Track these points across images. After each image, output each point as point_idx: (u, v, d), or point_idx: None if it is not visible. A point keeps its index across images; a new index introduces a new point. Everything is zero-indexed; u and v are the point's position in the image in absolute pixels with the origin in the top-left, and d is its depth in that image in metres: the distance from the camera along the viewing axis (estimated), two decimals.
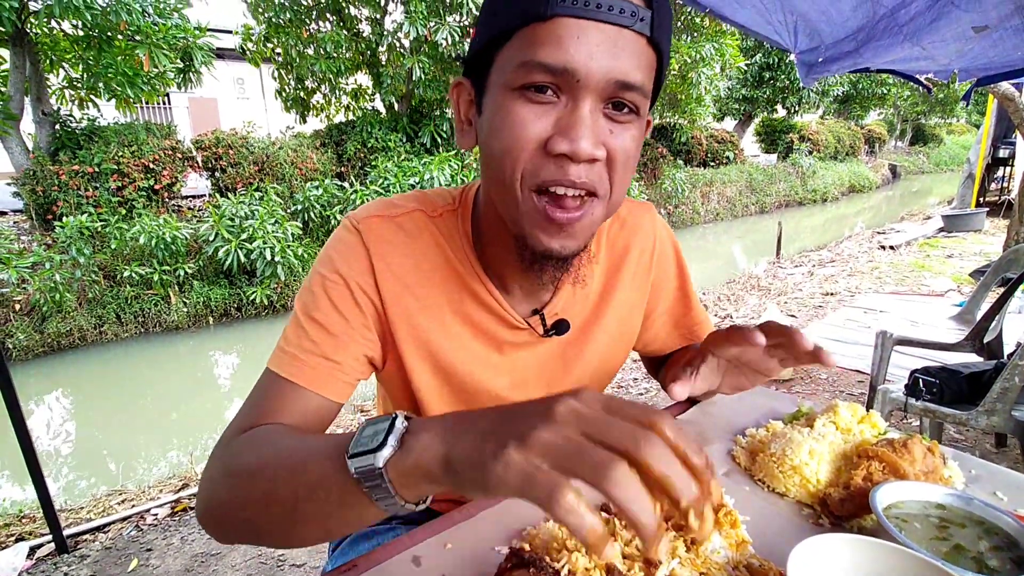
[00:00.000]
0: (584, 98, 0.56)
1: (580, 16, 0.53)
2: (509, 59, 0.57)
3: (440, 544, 0.62)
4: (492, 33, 0.58)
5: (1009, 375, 1.92)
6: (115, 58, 7.18)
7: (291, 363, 0.67)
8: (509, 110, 0.57)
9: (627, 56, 0.55)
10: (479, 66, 0.61)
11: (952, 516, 0.62)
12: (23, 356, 5.98)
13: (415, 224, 0.73)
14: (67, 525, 2.43)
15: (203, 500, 0.59)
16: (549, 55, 0.54)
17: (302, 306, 0.70)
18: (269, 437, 0.60)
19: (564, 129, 0.56)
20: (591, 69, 0.54)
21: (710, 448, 0.83)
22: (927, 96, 20.53)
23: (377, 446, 0.43)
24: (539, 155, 0.58)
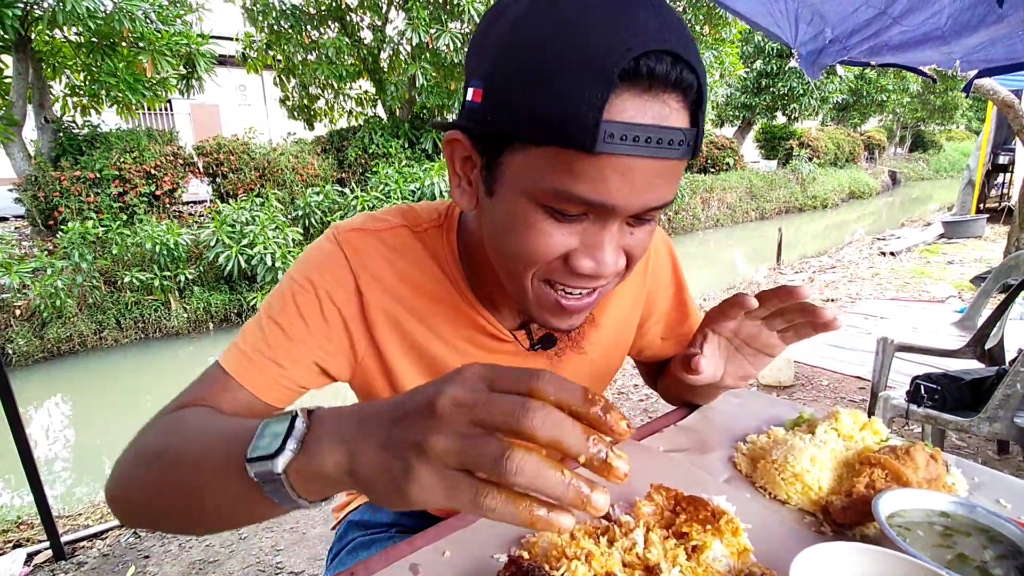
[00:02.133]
0: (614, 221, 0.53)
1: (627, 153, 0.47)
2: (536, 171, 0.50)
3: (438, 552, 0.62)
4: (516, 131, 0.50)
5: (1011, 382, 1.91)
6: (118, 65, 7.21)
7: (240, 361, 0.66)
8: (532, 222, 0.53)
9: (666, 183, 0.52)
10: (489, 141, 0.54)
11: (956, 524, 0.61)
12: (23, 362, 5.97)
13: (399, 239, 0.72)
14: (65, 532, 2.42)
15: (112, 477, 0.57)
16: (588, 192, 0.49)
17: (267, 307, 0.69)
18: (187, 419, 0.58)
19: (590, 250, 0.54)
20: (629, 203, 0.51)
21: (711, 454, 0.82)
22: (926, 103, 20.59)
23: (275, 451, 0.41)
24: (558, 263, 0.56)
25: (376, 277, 0.70)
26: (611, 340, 0.86)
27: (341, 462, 0.40)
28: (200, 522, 0.52)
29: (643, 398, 3.64)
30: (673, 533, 0.58)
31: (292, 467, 0.41)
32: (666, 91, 0.47)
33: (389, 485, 0.37)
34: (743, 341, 0.73)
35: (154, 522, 0.56)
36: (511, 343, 0.76)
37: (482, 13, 8.39)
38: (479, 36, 0.56)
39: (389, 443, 0.38)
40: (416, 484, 0.36)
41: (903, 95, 18.98)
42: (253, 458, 0.42)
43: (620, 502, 0.69)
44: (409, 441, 0.37)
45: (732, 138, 15.90)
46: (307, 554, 2.26)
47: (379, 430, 0.39)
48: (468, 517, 0.67)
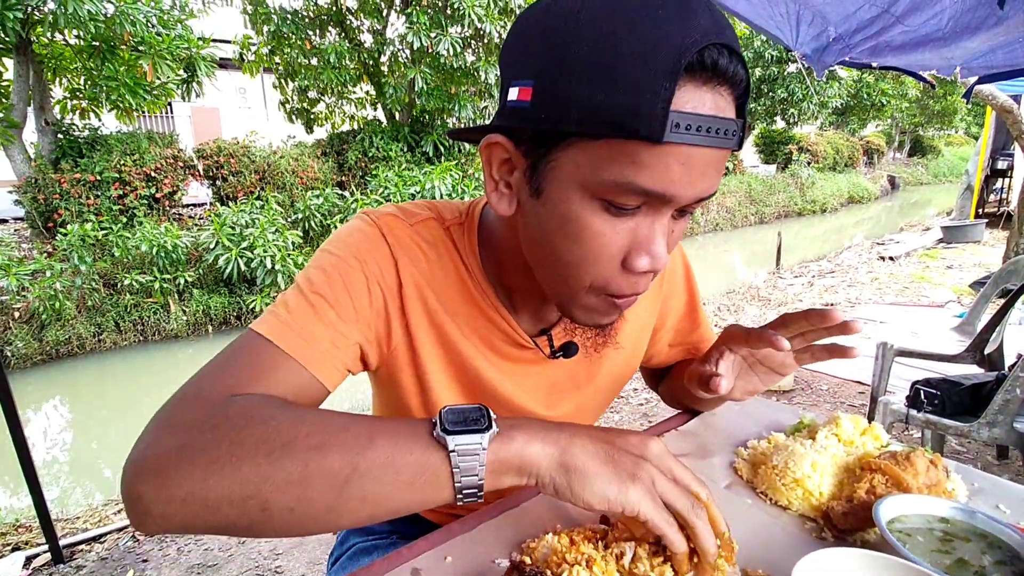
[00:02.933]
0: (667, 212, 0.54)
1: (690, 143, 0.49)
2: (595, 164, 0.50)
3: (440, 557, 0.62)
4: (574, 124, 0.50)
5: (1010, 387, 1.92)
6: (118, 68, 7.23)
7: (291, 335, 0.60)
8: (587, 221, 0.53)
9: (716, 173, 0.53)
10: (538, 139, 0.54)
11: (955, 530, 0.61)
12: (21, 364, 5.96)
13: (431, 232, 0.71)
14: (63, 535, 2.41)
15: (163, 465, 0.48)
16: (651, 182, 0.50)
17: (307, 282, 0.64)
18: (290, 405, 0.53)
19: (645, 246, 0.55)
20: (687, 193, 0.52)
21: (712, 460, 0.82)
22: (925, 108, 20.65)
23: (483, 427, 0.48)
24: (613, 267, 0.56)
25: (413, 265, 0.68)
26: (627, 350, 0.86)
27: (549, 450, 0.49)
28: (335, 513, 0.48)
29: (643, 402, 3.64)
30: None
31: (493, 447, 0.48)
32: (723, 83, 0.49)
33: (610, 482, 0.48)
34: (758, 360, 0.74)
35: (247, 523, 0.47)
36: (532, 350, 0.76)
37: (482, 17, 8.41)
38: (521, 34, 0.55)
39: (610, 454, 0.50)
40: (636, 491, 0.48)
41: (902, 100, 19.03)
42: (457, 430, 0.47)
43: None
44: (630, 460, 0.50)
45: None
46: (306, 558, 2.25)
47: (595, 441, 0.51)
48: (469, 522, 0.67)
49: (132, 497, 0.48)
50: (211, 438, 0.48)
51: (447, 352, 0.73)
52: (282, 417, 0.50)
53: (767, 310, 5.84)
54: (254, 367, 0.58)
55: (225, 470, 0.46)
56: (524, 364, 0.77)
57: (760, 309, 5.93)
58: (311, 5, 9.01)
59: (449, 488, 0.48)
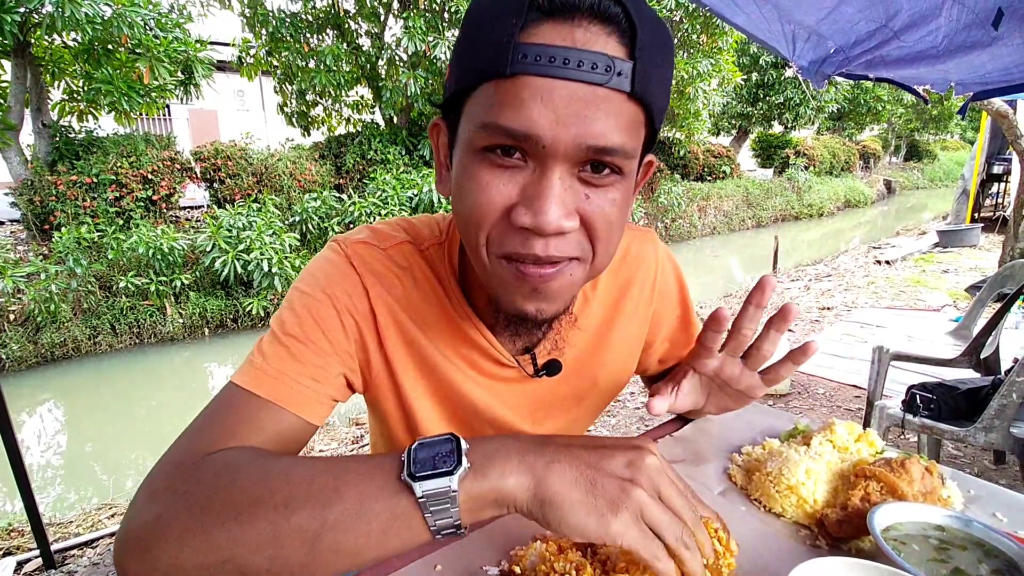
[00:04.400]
0: (552, 165, 0.50)
1: (545, 74, 0.47)
2: (473, 114, 0.51)
3: (429, 566, 0.61)
4: (459, 81, 0.53)
5: (1007, 392, 1.91)
6: (115, 71, 7.22)
7: (267, 381, 0.60)
8: (473, 173, 0.52)
9: (602, 117, 0.48)
10: (452, 110, 0.56)
11: (951, 538, 0.61)
12: (16, 366, 5.93)
13: (404, 257, 0.70)
14: (55, 540, 2.40)
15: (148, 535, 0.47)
16: (510, 118, 0.48)
17: (280, 324, 0.65)
18: (258, 459, 0.52)
19: (528, 199, 0.51)
20: (558, 135, 0.48)
21: (706, 466, 0.82)
22: (921, 113, 20.75)
23: (451, 467, 0.45)
24: (504, 224, 0.53)
25: (387, 291, 0.68)
26: (615, 365, 0.85)
27: (524, 482, 0.46)
28: (313, 571, 0.46)
29: (639, 407, 3.64)
30: None
31: (464, 485, 0.45)
32: (586, 19, 0.48)
33: (591, 514, 0.45)
34: (725, 382, 0.71)
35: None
36: (514, 368, 0.75)
37: None
38: None
39: (593, 480, 0.46)
40: (620, 521, 0.44)
41: (898, 105, 19.13)
42: (423, 475, 0.44)
43: None
44: (616, 484, 0.46)
45: (728, 147, 15.98)
46: None
47: (576, 464, 0.47)
48: None
49: (120, 570, 0.48)
50: (182, 505, 0.48)
51: (429, 376, 0.72)
52: (250, 475, 0.49)
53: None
54: (232, 420, 0.58)
55: (197, 538, 0.46)
56: (507, 383, 0.76)
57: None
58: (309, 8, 9.02)
59: (424, 531, 0.46)
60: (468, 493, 0.45)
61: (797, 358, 0.64)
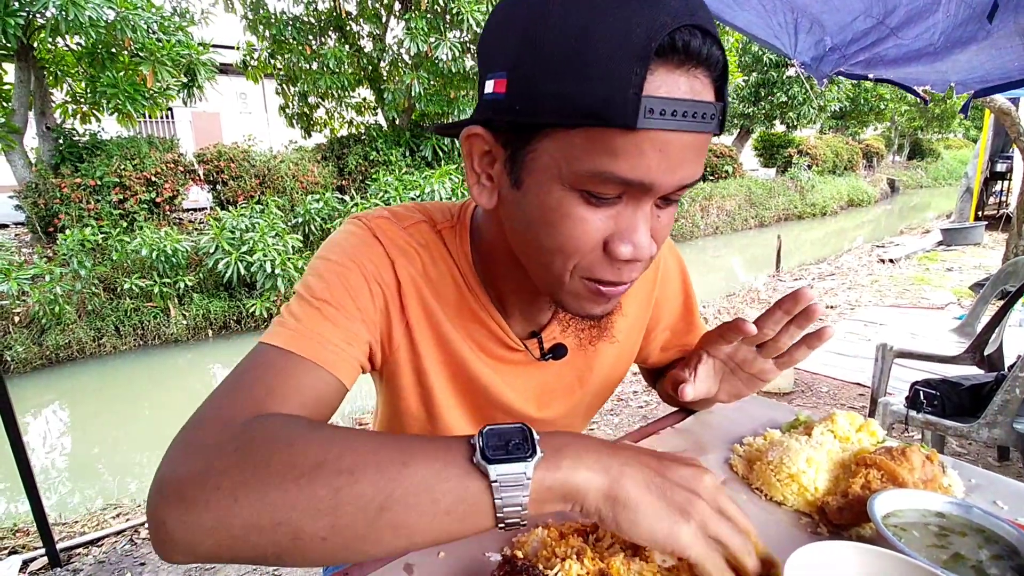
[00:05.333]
0: (648, 201, 0.53)
1: (665, 128, 0.47)
2: (572, 154, 0.49)
3: (432, 552, 0.61)
4: (547, 115, 0.49)
5: (1010, 387, 1.91)
6: (118, 74, 7.25)
7: (305, 340, 0.59)
8: (568, 210, 0.52)
9: (697, 158, 0.52)
10: (516, 130, 0.53)
11: (952, 524, 0.61)
12: (21, 368, 5.96)
13: (423, 235, 0.71)
14: (61, 539, 2.41)
15: (192, 499, 0.44)
16: (627, 170, 0.49)
17: (308, 290, 0.64)
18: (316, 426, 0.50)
19: (626, 234, 0.53)
20: (665, 180, 0.50)
21: (707, 457, 0.82)
22: (924, 111, 20.70)
23: (527, 454, 0.45)
24: (596, 254, 0.55)
25: (410, 264, 0.68)
26: (618, 350, 0.85)
27: (598, 480, 0.46)
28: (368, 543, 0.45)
29: (642, 405, 3.64)
30: None
31: (539, 475, 0.45)
32: (697, 66, 0.48)
33: (661, 520, 0.46)
34: (737, 365, 0.73)
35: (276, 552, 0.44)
36: (521, 352, 0.76)
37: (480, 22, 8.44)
38: (495, 27, 0.55)
39: (663, 487, 0.47)
40: (687, 531, 0.45)
41: (901, 104, 19.07)
42: (498, 459, 0.44)
43: None
44: (685, 495, 0.47)
45: (731, 146, 15.96)
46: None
47: (647, 470, 0.48)
48: None
49: (156, 522, 0.45)
50: (235, 461, 0.46)
51: (444, 352, 0.73)
52: (311, 438, 0.47)
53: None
54: (272, 378, 0.57)
55: (252, 495, 0.44)
56: (514, 365, 0.77)
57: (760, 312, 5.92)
58: (311, 10, 9.05)
59: (490, 517, 0.45)
60: (540, 482, 0.45)
61: (812, 343, 0.66)
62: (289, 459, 0.45)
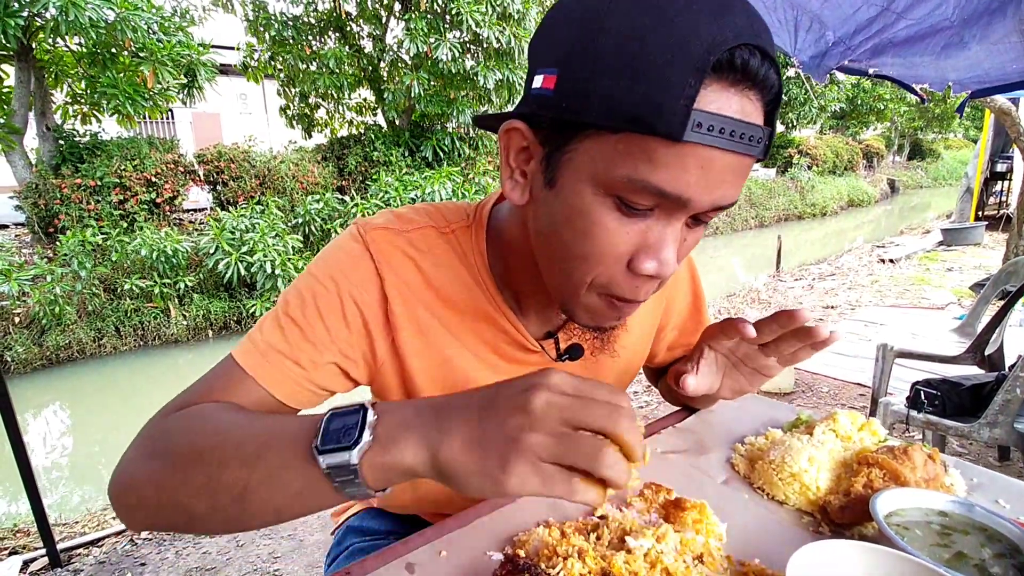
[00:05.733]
0: (680, 217, 0.52)
1: (711, 145, 0.46)
2: (611, 158, 0.49)
3: (434, 552, 0.61)
4: (594, 115, 0.48)
5: (1011, 387, 1.91)
6: (119, 75, 7.25)
7: (256, 358, 0.63)
8: (598, 217, 0.51)
9: (735, 180, 0.50)
10: (554, 125, 0.53)
11: (954, 523, 0.61)
12: (22, 369, 5.96)
13: (426, 241, 0.69)
14: (61, 539, 2.41)
15: (123, 479, 0.55)
16: (666, 182, 0.48)
17: (284, 304, 0.66)
18: (213, 416, 0.56)
19: (654, 249, 0.52)
20: (703, 198, 0.49)
21: (709, 456, 0.82)
22: (924, 112, 20.70)
23: (352, 442, 0.44)
24: (618, 268, 0.54)
25: (403, 280, 0.67)
26: (637, 343, 0.85)
27: (420, 455, 0.44)
28: (241, 520, 0.51)
29: (642, 405, 3.63)
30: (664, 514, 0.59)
31: (367, 458, 0.44)
32: (752, 87, 0.47)
33: (484, 477, 0.42)
34: (740, 359, 0.73)
35: (188, 522, 0.53)
36: (538, 353, 0.74)
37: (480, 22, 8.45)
38: (551, 22, 0.54)
39: (482, 439, 0.42)
40: (514, 476, 0.41)
41: (901, 104, 19.08)
42: (326, 449, 0.45)
43: (613, 499, 0.69)
44: (504, 437, 0.42)
45: None
46: (305, 561, 2.24)
47: (466, 426, 0.43)
48: (465, 517, 0.67)
49: (113, 505, 0.56)
50: (148, 453, 0.55)
51: (440, 367, 0.71)
52: (199, 431, 0.54)
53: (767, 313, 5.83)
54: (216, 385, 0.62)
55: (154, 482, 0.53)
56: (529, 367, 0.76)
57: (760, 312, 5.92)
58: (311, 11, 9.06)
59: (337, 496, 0.47)
60: (371, 465, 0.44)
61: (817, 345, 0.64)
62: (180, 451, 0.53)
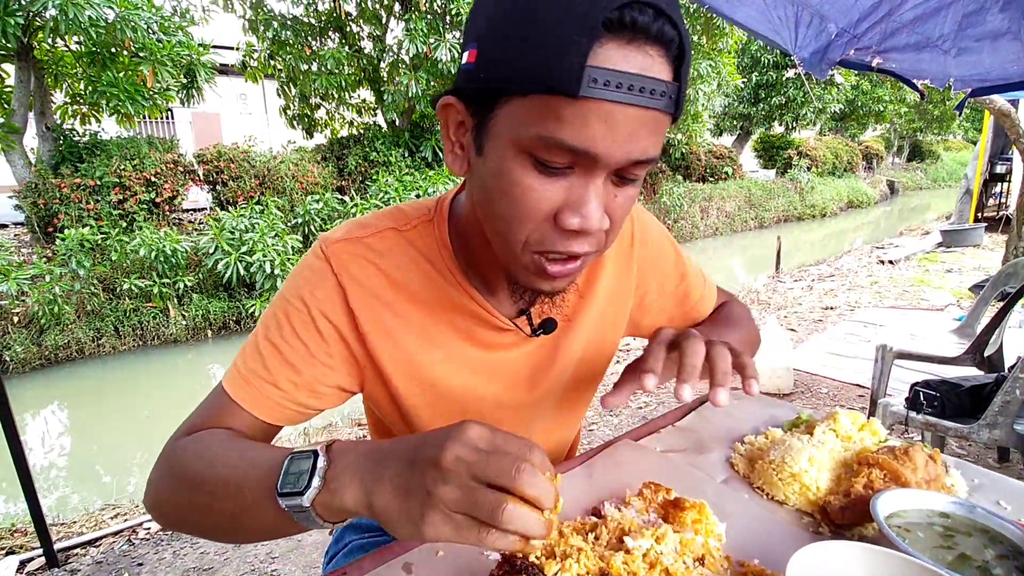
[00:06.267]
0: (598, 174, 0.54)
1: (610, 99, 0.49)
2: (523, 119, 0.52)
3: (432, 551, 0.61)
4: (504, 82, 0.52)
5: (1010, 388, 1.91)
6: (118, 74, 7.25)
7: (242, 386, 0.68)
8: (519, 177, 0.54)
9: (648, 135, 0.53)
10: (480, 98, 0.56)
11: (956, 525, 0.61)
12: (20, 369, 5.95)
13: (385, 243, 0.72)
14: (59, 539, 2.40)
15: (152, 493, 0.65)
16: (572, 137, 0.50)
17: (263, 330, 0.70)
18: (211, 446, 0.63)
19: (576, 204, 0.55)
20: (613, 152, 0.52)
21: (708, 455, 0.82)
22: (924, 113, 20.71)
23: (303, 488, 0.49)
24: (547, 225, 0.56)
25: (365, 287, 0.70)
26: (602, 319, 0.84)
27: (359, 499, 0.48)
28: (241, 537, 0.60)
29: (642, 405, 3.63)
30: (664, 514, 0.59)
31: (317, 501, 0.49)
32: (648, 42, 0.49)
33: (407, 524, 0.46)
34: None
35: (202, 533, 0.63)
36: (512, 331, 0.75)
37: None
38: (475, 2, 0.58)
39: (405, 488, 0.47)
40: (429, 525, 0.44)
41: (900, 105, 19.08)
42: (283, 493, 0.50)
43: (612, 499, 0.68)
44: (421, 489, 0.46)
45: (730, 147, 15.97)
46: (303, 562, 2.24)
47: (395, 475, 0.48)
48: None
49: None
50: (165, 475, 0.64)
51: (411, 368, 0.73)
52: (200, 461, 0.61)
53: (766, 313, 5.83)
54: (210, 414, 0.69)
55: (173, 499, 0.63)
56: (506, 348, 0.77)
57: (760, 312, 5.92)
58: (311, 11, 9.05)
59: (304, 527, 0.52)
60: (322, 506, 0.49)
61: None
62: (186, 476, 0.61)
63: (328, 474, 0.50)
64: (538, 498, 0.44)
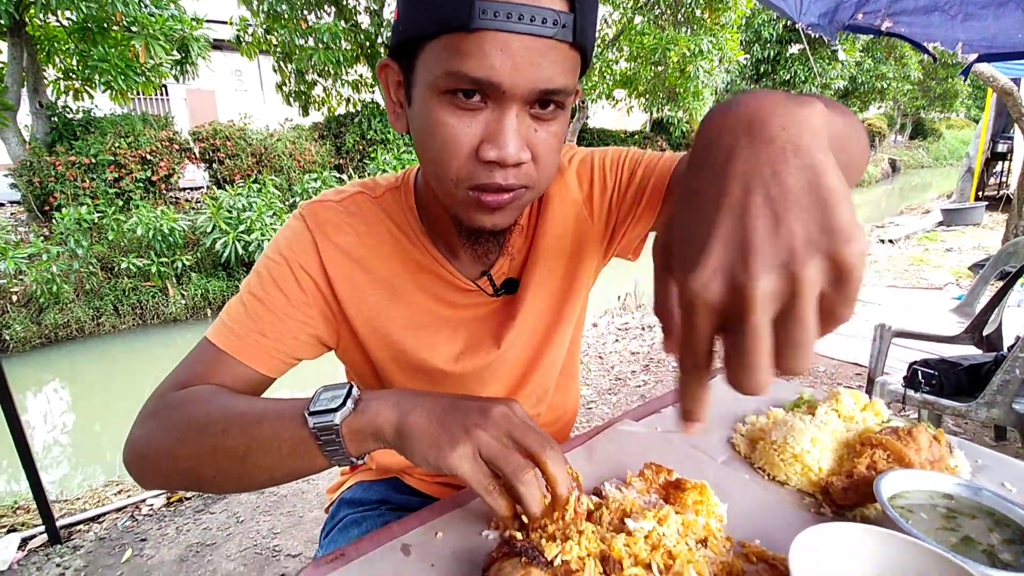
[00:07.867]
0: (510, 106, 0.57)
1: (504, 29, 0.52)
2: (433, 61, 0.56)
3: (430, 533, 0.60)
4: (415, 30, 0.57)
5: (1009, 367, 1.91)
6: (110, 49, 7.12)
7: (229, 336, 0.70)
8: (438, 117, 0.58)
9: (550, 64, 0.55)
10: (404, 52, 0.61)
11: (960, 507, 0.60)
12: (20, 347, 5.96)
13: (357, 205, 0.77)
14: (61, 516, 2.42)
15: (138, 449, 0.64)
16: (474, 68, 0.54)
17: (246, 285, 0.74)
18: (215, 394, 0.65)
19: (491, 137, 0.57)
20: (515, 80, 0.55)
21: (709, 436, 0.81)
22: (926, 91, 20.48)
23: (337, 406, 0.53)
24: (471, 160, 0.59)
25: (336, 245, 0.74)
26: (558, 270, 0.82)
27: (392, 418, 0.53)
28: (245, 480, 0.60)
29: (640, 384, 3.64)
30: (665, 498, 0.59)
31: (347, 423, 0.53)
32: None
33: (432, 447, 0.51)
34: None
35: (197, 482, 0.63)
36: (475, 292, 0.79)
37: None
38: None
39: (443, 420, 0.52)
40: (455, 456, 0.49)
41: (904, 83, 18.85)
42: (315, 412, 0.54)
43: (613, 479, 0.68)
44: (460, 425, 0.51)
45: None
46: (304, 537, 2.26)
47: (434, 408, 0.53)
48: (461, 499, 0.66)
49: (131, 476, 0.67)
50: (159, 428, 0.64)
51: (373, 319, 0.78)
52: (202, 407, 0.63)
53: None
54: (200, 368, 0.70)
55: (168, 453, 0.62)
56: (471, 308, 0.80)
57: None
58: None
59: (321, 456, 0.55)
60: (350, 428, 0.53)
61: None
62: (187, 423, 0.62)
63: (360, 402, 0.55)
64: (556, 477, 0.51)
